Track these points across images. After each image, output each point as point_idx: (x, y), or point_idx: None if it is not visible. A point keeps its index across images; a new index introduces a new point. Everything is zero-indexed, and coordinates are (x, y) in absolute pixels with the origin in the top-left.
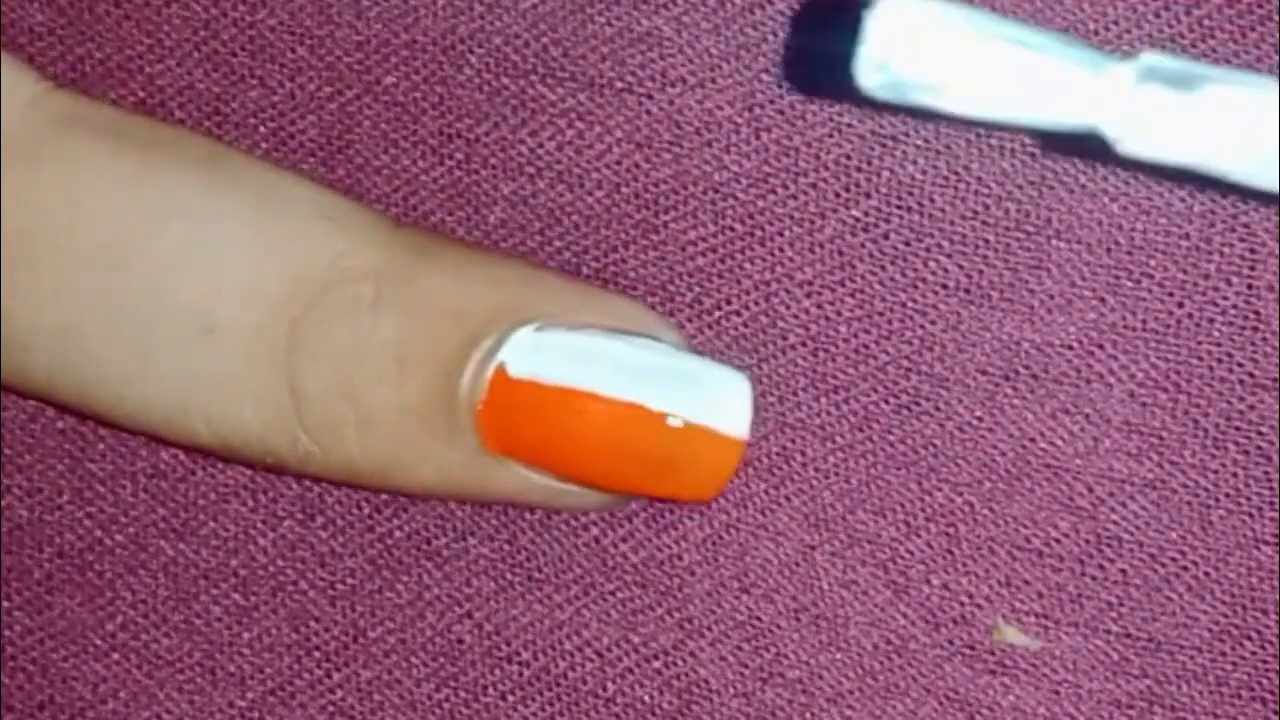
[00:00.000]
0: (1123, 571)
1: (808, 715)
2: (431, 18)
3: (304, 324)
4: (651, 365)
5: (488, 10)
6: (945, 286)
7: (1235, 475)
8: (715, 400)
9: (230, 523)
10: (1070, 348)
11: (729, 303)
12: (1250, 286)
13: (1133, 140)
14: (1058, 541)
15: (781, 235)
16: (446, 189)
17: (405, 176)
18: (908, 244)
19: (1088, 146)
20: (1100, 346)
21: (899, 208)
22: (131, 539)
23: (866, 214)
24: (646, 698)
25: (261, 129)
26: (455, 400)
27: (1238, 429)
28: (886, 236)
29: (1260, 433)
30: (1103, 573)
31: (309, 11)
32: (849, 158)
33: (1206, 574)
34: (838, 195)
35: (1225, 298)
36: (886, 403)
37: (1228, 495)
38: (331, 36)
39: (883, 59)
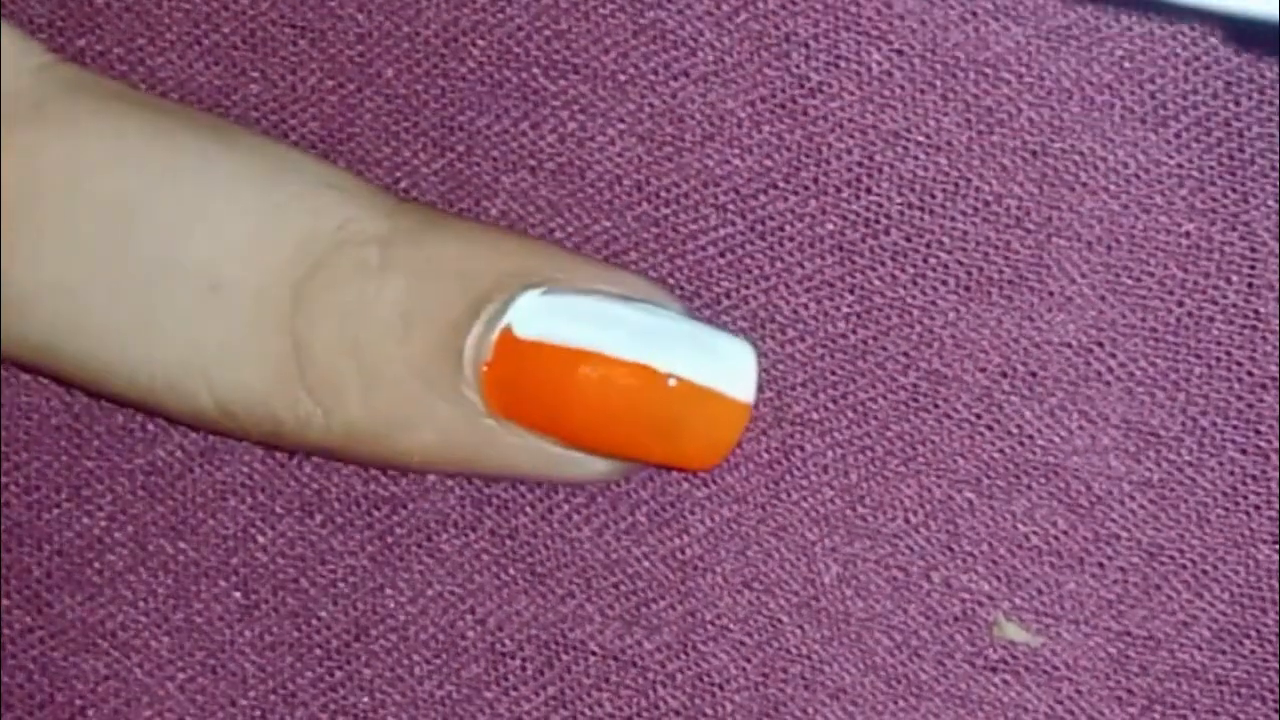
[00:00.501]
0: (1121, 569)
1: (810, 710)
2: (433, 10)
3: (310, 284)
4: (658, 328)
5: (490, 2)
6: (945, 283)
7: (1233, 473)
8: (721, 363)
9: (230, 520)
10: (1069, 345)
11: (729, 297)
12: (1250, 286)
13: None
14: (1057, 539)
15: (782, 230)
16: (447, 181)
17: (406, 169)
18: (908, 240)
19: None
20: (1099, 344)
21: (899, 204)
22: (131, 537)
23: (867, 210)
24: (649, 693)
25: (263, 121)
26: (460, 360)
27: (1236, 428)
28: (887, 232)
29: (1259, 431)
30: (1102, 570)
31: (310, 4)
32: (850, 153)
33: (1205, 572)
34: (838, 191)
35: (1225, 297)
36: (885, 399)
37: (1226, 493)
38: (333, 29)
39: None
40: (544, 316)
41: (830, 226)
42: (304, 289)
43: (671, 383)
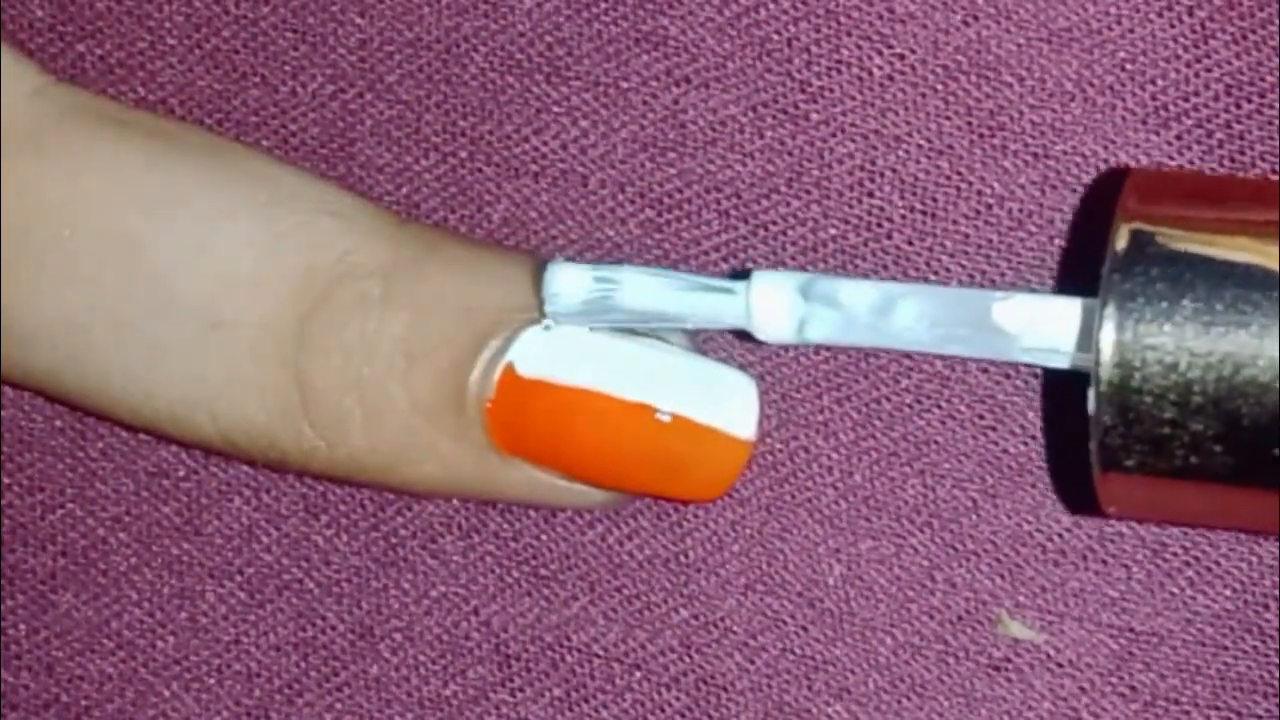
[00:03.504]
0: (1125, 566)
1: (815, 710)
2: (435, 16)
3: (313, 320)
4: (659, 366)
5: (492, 9)
6: (947, 285)
7: None
8: (722, 401)
9: (234, 520)
10: None
11: None
12: None
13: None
14: (1060, 536)
15: (785, 235)
16: (449, 187)
17: (408, 175)
18: (910, 244)
19: None
20: None
21: (902, 208)
22: (135, 537)
23: (869, 214)
24: (654, 695)
25: (264, 127)
26: (463, 397)
27: None
28: (889, 236)
29: None
30: (1105, 567)
31: (311, 10)
32: (852, 157)
33: (1208, 568)
34: (841, 195)
35: None
36: (889, 400)
37: None
38: (334, 34)
39: None
40: (545, 354)
41: (833, 231)
42: (306, 325)
43: (670, 421)
